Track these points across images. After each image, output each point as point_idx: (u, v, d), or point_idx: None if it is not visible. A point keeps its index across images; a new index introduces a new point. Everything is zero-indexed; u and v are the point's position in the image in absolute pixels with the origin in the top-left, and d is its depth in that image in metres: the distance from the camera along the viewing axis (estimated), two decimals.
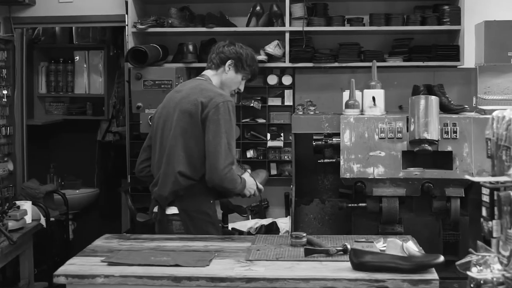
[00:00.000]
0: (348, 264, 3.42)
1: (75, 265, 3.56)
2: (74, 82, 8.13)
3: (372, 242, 3.62)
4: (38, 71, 8.09)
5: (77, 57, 8.12)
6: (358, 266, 3.37)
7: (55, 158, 8.35)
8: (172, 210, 4.40)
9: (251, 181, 4.51)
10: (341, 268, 3.41)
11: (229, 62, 4.49)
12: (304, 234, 3.90)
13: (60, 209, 6.97)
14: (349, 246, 3.62)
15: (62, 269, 3.48)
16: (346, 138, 5.06)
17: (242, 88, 4.60)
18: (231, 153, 4.25)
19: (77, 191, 8.07)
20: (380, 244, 3.77)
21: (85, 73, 8.12)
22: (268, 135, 6.74)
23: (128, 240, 4.11)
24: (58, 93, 8.16)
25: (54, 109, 8.29)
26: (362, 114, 5.21)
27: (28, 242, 5.53)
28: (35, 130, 7.70)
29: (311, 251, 3.65)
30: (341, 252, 3.64)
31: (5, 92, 6.67)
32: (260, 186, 4.60)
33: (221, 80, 4.52)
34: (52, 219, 6.43)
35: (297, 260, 3.58)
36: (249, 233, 6.00)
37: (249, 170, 4.69)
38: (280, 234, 6.02)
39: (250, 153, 6.76)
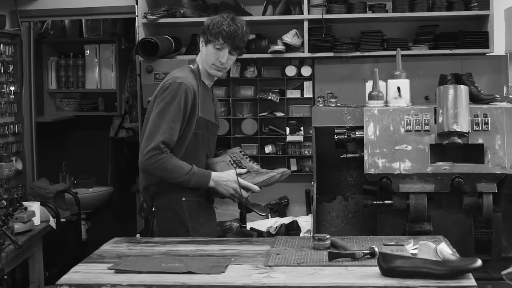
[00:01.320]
0: (376, 269, 3.23)
1: (79, 273, 3.38)
2: (85, 77, 8.10)
3: (403, 245, 3.39)
4: (48, 66, 8.07)
5: (88, 51, 8.08)
6: (387, 271, 3.18)
7: (67, 156, 8.32)
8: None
9: (226, 177, 4.14)
10: (369, 274, 3.22)
11: (200, 39, 4.22)
12: (328, 236, 3.71)
13: (72, 209, 6.90)
14: (376, 249, 3.44)
15: (65, 278, 3.30)
16: (370, 132, 4.92)
17: (223, 59, 4.16)
18: (157, 137, 3.97)
19: (90, 189, 8.04)
20: (410, 246, 3.55)
21: (96, 67, 8.07)
22: (287, 129, 6.62)
23: (139, 244, 3.92)
24: (68, 89, 8.14)
25: (65, 106, 8.29)
26: (386, 105, 5.08)
27: (37, 245, 5.40)
28: (45, 127, 7.64)
29: (336, 255, 3.46)
30: (368, 256, 3.45)
31: (12, 88, 6.60)
32: (254, 186, 4.17)
33: (200, 60, 4.24)
34: (62, 220, 6.34)
35: (321, 265, 3.38)
36: (268, 232, 5.90)
37: (240, 170, 4.21)
38: (301, 233, 5.94)
39: (268, 148, 6.67)
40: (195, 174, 4.03)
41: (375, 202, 5.00)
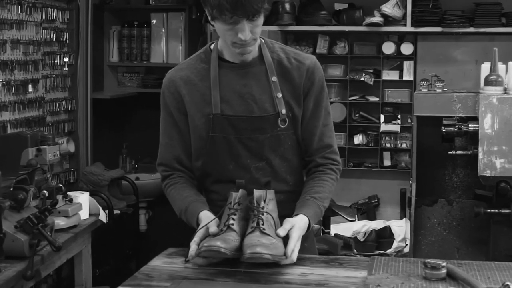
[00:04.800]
0: None
1: None
2: (150, 49, 7.62)
3: None
4: (109, 36, 7.61)
5: (154, 21, 7.59)
6: None
7: (128, 137, 7.86)
8: None
9: (202, 224, 3.06)
10: None
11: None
12: (444, 264, 2.90)
13: (129, 199, 6.38)
14: (511, 286, 2.64)
15: None
16: (487, 124, 4.60)
17: (243, 36, 2.99)
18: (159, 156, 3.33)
19: (153, 175, 7.42)
20: None
21: (163, 38, 7.57)
22: (382, 117, 6.36)
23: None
24: (131, 62, 7.67)
25: (128, 81, 7.81)
26: (506, 93, 4.66)
27: (84, 243, 4.81)
28: (104, 105, 7.18)
29: None
30: None
31: (66, 60, 6.11)
32: (192, 252, 2.98)
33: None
34: (116, 212, 5.83)
35: None
36: (355, 239, 5.54)
37: (213, 228, 2.96)
38: (395, 241, 5.62)
39: (358, 139, 6.36)
40: (182, 213, 3.19)
41: (489, 210, 4.76)
